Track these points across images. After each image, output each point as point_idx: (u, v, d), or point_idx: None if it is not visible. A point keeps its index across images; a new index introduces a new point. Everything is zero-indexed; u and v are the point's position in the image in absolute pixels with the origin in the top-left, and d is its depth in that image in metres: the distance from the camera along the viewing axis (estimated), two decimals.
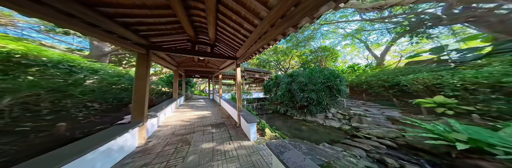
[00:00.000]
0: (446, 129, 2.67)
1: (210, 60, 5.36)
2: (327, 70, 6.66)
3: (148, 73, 2.17)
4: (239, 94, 3.24)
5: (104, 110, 2.77)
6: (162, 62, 3.73)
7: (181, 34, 2.63)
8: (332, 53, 15.33)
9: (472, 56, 5.50)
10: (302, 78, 6.34)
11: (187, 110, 5.02)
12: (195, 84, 13.52)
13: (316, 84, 5.85)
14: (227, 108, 4.81)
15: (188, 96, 10.26)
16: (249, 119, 2.45)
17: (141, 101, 2.06)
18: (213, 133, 2.66)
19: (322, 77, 5.94)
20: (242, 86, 20.68)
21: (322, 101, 5.58)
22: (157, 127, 3.01)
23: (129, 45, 1.96)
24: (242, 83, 20.08)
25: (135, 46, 2.06)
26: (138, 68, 2.10)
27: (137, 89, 2.04)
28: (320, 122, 5.54)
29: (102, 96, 2.81)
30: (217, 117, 3.98)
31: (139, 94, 2.05)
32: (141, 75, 2.09)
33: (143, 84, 2.08)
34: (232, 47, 3.10)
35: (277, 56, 18.42)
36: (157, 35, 2.35)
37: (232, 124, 3.25)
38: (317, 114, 5.92)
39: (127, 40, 1.98)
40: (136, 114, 2.02)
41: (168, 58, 3.78)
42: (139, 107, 2.04)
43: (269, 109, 9.29)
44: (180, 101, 6.76)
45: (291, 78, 7.03)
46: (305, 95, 5.89)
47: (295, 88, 6.32)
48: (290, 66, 20.06)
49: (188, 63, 5.67)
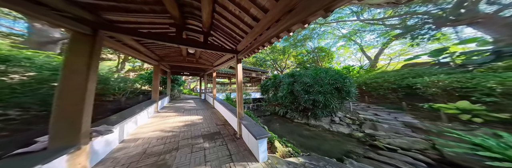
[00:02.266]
0: (501, 145, 2.13)
1: (203, 54, 4.46)
2: (332, 70, 6.20)
3: (94, 64, 1.31)
4: (240, 97, 2.46)
5: (25, 120, 1.77)
6: (131, 52, 2.75)
7: (159, 15, 1.77)
8: (328, 54, 15.33)
9: (482, 59, 5.37)
10: (306, 78, 5.79)
11: (170, 114, 4.07)
12: (184, 82, 12.30)
13: (323, 86, 5.33)
14: (222, 112, 3.99)
15: (175, 96, 9.10)
16: (256, 132, 1.74)
17: (76, 109, 1.19)
18: (206, 150, 1.91)
19: (329, 78, 5.43)
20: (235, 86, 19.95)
21: (330, 104, 5.06)
22: (119, 143, 2.10)
23: (56, 19, 1.10)
24: None
25: (70, 22, 1.19)
26: (70, 55, 1.22)
27: (65, 90, 1.17)
28: (325, 126, 4.99)
29: (20, 100, 1.75)
30: (211, 123, 3.15)
31: (71, 99, 1.18)
32: (76, 67, 1.22)
33: (79, 82, 1.21)
34: (232, 37, 2.30)
35: (274, 55, 17.86)
36: (115, 10, 1.49)
37: (231, 134, 2.50)
38: (321, 118, 5.41)
39: (52, 10, 1.10)
40: (59, 133, 1.15)
41: (141, 48, 2.82)
42: (68, 120, 1.17)
43: (266, 111, 8.64)
44: (163, 103, 5.70)
45: (293, 79, 6.45)
46: (310, 97, 5.34)
47: (298, 89, 5.74)
48: (286, 66, 19.70)
49: (174, 57, 4.69)
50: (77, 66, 1.21)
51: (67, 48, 1.21)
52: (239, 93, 2.49)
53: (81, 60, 1.24)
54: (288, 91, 6.12)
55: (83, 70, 1.23)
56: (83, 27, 1.26)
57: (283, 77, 7.25)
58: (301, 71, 7.14)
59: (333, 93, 5.24)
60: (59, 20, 1.12)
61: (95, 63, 1.32)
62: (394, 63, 13.16)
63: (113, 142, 1.98)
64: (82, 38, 1.27)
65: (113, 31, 1.49)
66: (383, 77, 6.78)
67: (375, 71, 10.01)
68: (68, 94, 1.16)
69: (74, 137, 1.20)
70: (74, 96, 1.19)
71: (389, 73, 7.32)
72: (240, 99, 2.48)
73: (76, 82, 1.20)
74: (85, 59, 1.25)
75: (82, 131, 1.22)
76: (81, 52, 1.25)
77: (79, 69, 1.22)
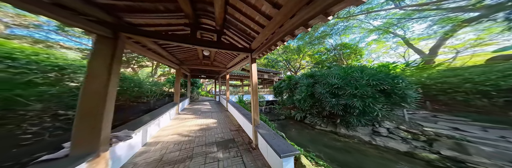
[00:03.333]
0: None
1: (217, 56, 4.50)
2: (370, 69, 5.12)
3: (116, 68, 1.29)
4: (255, 102, 2.18)
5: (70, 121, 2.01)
6: (155, 56, 2.92)
7: (174, 14, 1.74)
8: (354, 50, 13.29)
9: None
10: (332, 79, 4.90)
11: (189, 116, 4.17)
12: (201, 85, 13.14)
13: (359, 87, 4.23)
14: (236, 116, 3.80)
15: (194, 98, 9.73)
16: (279, 147, 1.41)
17: (96, 115, 1.16)
18: (219, 161, 1.71)
19: (369, 78, 4.32)
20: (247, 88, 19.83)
21: (373, 112, 3.98)
22: (142, 146, 2.13)
23: (81, 23, 1.11)
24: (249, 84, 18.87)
25: (93, 25, 1.20)
26: (92, 59, 1.21)
27: (86, 95, 1.14)
28: (364, 138, 4.03)
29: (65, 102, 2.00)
30: (225, 128, 3.00)
31: (91, 104, 1.16)
32: (98, 71, 1.20)
33: (100, 86, 1.19)
34: (246, 34, 2.12)
35: (287, 55, 17.10)
36: (133, 11, 1.49)
37: (245, 143, 2.24)
38: (356, 126, 4.43)
39: (77, 14, 1.13)
40: (80, 140, 1.12)
41: (163, 52, 2.96)
42: (88, 126, 1.14)
43: (280, 114, 8.04)
44: (184, 105, 6.02)
45: (313, 79, 5.72)
46: (340, 101, 4.43)
47: (321, 91, 4.94)
48: (301, 66, 18.50)
49: (192, 61, 4.93)
50: (99, 70, 1.19)
51: (91, 52, 1.22)
52: (254, 97, 2.22)
53: (102, 64, 1.22)
54: (307, 94, 5.39)
55: (104, 74, 1.20)
56: (105, 29, 1.27)
57: (300, 78, 6.56)
58: (322, 70, 6.23)
59: (377, 97, 4.09)
60: (83, 23, 1.13)
61: (117, 67, 1.30)
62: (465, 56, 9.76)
63: (136, 146, 2.00)
64: (103, 41, 1.27)
65: (133, 33, 1.48)
66: (461, 75, 4.91)
67: (436, 68, 7.44)
68: (88, 99, 1.13)
69: (94, 143, 1.15)
70: (94, 101, 1.16)
71: (471, 69, 5.19)
72: (255, 103, 2.20)
73: (97, 86, 1.17)
74: (106, 63, 1.23)
75: (101, 138, 1.18)
76: (102, 55, 1.24)
77: (100, 73, 1.20)
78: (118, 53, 1.32)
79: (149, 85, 5.06)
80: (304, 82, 5.84)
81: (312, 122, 5.61)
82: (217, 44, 2.11)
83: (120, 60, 1.36)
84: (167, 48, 2.98)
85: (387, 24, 12.53)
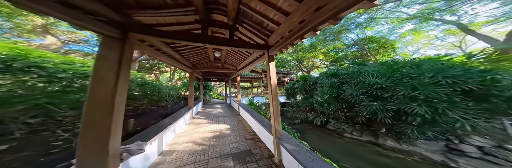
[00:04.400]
0: None
1: (227, 58, 4.36)
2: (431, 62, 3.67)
3: (124, 73, 1.14)
4: (275, 108, 1.83)
5: None
6: (168, 59, 2.89)
7: (184, 9, 1.58)
8: (383, 44, 11.31)
9: None
10: (370, 77, 3.92)
11: (202, 121, 4.08)
12: (213, 87, 13.52)
13: (419, 88, 3.07)
14: (249, 121, 3.50)
15: (207, 100, 9.96)
16: None
17: (102, 127, 0.99)
18: None
19: (437, 75, 3.06)
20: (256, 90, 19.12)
21: (451, 121, 2.81)
22: (158, 156, 1.99)
23: (89, 23, 1.00)
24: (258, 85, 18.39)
25: (101, 25, 1.08)
26: (98, 63, 1.07)
27: (91, 104, 0.99)
28: (432, 157, 2.84)
29: None
30: (239, 136, 2.74)
31: (97, 114, 1.00)
32: (104, 77, 1.06)
33: (107, 94, 1.03)
34: (263, 27, 1.86)
35: (298, 54, 16.22)
36: (143, 8, 1.36)
37: (265, 156, 1.92)
38: (413, 139, 3.26)
39: (85, 13, 1.03)
40: (85, 156, 0.96)
41: (177, 55, 2.92)
42: (94, 140, 0.98)
43: (294, 117, 7.36)
44: (198, 108, 6.06)
45: (338, 79, 4.96)
46: (386, 105, 3.36)
47: (353, 93, 4.03)
48: (314, 66, 17.30)
49: (204, 64, 4.94)
50: (106, 74, 1.05)
51: (97, 55, 1.09)
52: (274, 102, 1.87)
53: (110, 68, 1.07)
54: (332, 96, 4.61)
55: (112, 79, 1.05)
56: (113, 30, 1.13)
57: (319, 78, 5.84)
58: (350, 68, 5.13)
59: (457, 102, 2.88)
60: (91, 23, 1.01)
61: (125, 71, 1.15)
62: None
63: (152, 156, 1.86)
64: (111, 42, 1.13)
65: (142, 32, 1.35)
66: None
67: None
68: (94, 109, 0.98)
69: (102, 160, 0.98)
70: (101, 111, 0.99)
71: None
72: (275, 110, 1.84)
73: (103, 93, 1.01)
74: (114, 67, 1.08)
75: (110, 153, 1.00)
76: (110, 58, 1.09)
77: (107, 78, 1.04)
78: (126, 55, 1.18)
79: (167, 89, 5.32)
80: (325, 82, 5.09)
81: (338, 129, 4.79)
82: (229, 42, 1.89)
83: (129, 64, 1.22)
84: (180, 50, 2.93)
85: (429, 10, 10.01)
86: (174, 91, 5.87)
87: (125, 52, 1.17)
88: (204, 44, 1.72)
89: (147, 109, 4.45)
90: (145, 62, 11.39)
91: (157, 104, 4.98)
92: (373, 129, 3.98)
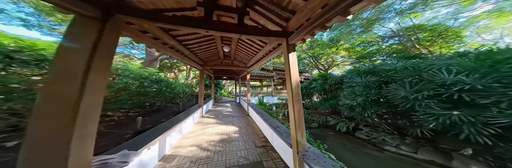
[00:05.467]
0: None
1: (237, 53, 4.00)
2: None
3: (102, 65, 0.86)
4: (297, 112, 1.40)
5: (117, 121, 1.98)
6: (177, 55, 2.70)
7: None
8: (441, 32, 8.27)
9: None
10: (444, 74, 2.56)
11: (211, 121, 3.89)
12: (224, 86, 13.72)
13: None
14: (260, 124, 3.10)
15: (218, 98, 10.12)
16: None
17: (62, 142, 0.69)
18: None
19: None
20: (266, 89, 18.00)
21: None
22: (159, 161, 1.78)
23: None
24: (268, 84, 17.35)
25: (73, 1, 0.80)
26: (65, 48, 0.80)
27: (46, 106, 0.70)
28: None
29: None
30: (248, 142, 2.36)
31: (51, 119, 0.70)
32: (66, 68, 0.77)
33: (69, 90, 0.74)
34: (280, 9, 1.40)
35: (313, 51, 14.65)
36: None
37: None
38: None
39: None
40: None
41: (185, 50, 2.70)
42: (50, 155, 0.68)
43: (310, 121, 6.51)
44: (208, 106, 5.98)
45: (377, 77, 3.81)
46: (483, 118, 2.10)
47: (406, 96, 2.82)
48: (334, 63, 15.36)
49: (214, 61, 4.77)
50: (70, 66, 0.76)
51: (63, 40, 0.80)
52: (296, 106, 1.38)
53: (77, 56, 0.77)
54: (369, 99, 3.54)
55: (78, 73, 0.75)
56: (90, 8, 0.85)
57: (346, 76, 4.74)
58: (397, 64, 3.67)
59: None
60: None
61: (103, 63, 0.87)
62: None
63: (151, 162, 1.65)
64: (85, 23, 0.84)
65: (133, 15, 1.07)
66: None
67: None
68: (45, 113, 0.69)
69: None
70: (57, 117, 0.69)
71: None
72: (298, 116, 1.34)
73: (63, 92, 0.72)
74: (84, 55, 0.78)
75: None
76: (80, 42, 0.80)
77: (72, 72, 0.75)
78: (106, 42, 0.88)
79: (182, 86, 5.49)
80: (358, 82, 4.07)
81: (373, 138, 3.74)
82: (238, 28, 1.48)
83: (111, 53, 0.94)
84: (187, 45, 2.72)
85: None
86: (188, 88, 6.05)
87: (105, 37, 0.89)
88: (209, 30, 1.37)
89: (162, 106, 4.66)
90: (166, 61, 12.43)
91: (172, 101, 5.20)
92: (443, 147, 2.74)
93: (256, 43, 2.75)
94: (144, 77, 3.22)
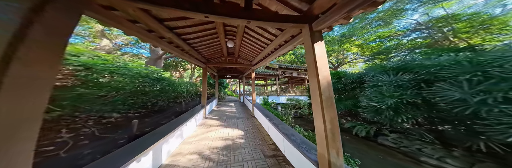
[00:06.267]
0: None
1: (241, 50, 3.64)
2: None
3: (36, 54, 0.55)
4: (330, 123, 1.01)
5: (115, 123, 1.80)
6: (177, 51, 2.42)
7: None
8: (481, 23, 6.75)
9: None
10: None
11: (214, 123, 3.63)
12: (228, 85, 13.55)
13: None
14: (266, 127, 2.81)
15: (222, 97, 9.96)
16: None
17: None
18: None
19: None
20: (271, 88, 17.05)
21: None
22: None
23: None
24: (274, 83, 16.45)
25: None
26: None
27: None
28: None
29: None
30: (255, 151, 2.05)
31: None
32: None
33: None
34: None
35: None
36: None
37: None
38: None
39: None
40: None
41: (185, 46, 2.40)
42: None
43: None
44: (212, 106, 5.76)
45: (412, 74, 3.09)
46: None
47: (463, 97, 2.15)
48: (344, 60, 14.36)
49: (217, 58, 4.47)
50: None
51: None
52: (328, 112, 1.04)
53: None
54: (404, 101, 2.88)
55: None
56: None
57: (367, 74, 4.05)
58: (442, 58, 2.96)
59: None
60: None
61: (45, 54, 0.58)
62: None
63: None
64: None
65: None
66: None
67: None
68: None
69: None
70: None
71: None
72: (333, 127, 1.01)
73: None
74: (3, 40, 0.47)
75: None
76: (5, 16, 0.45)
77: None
78: (51, 23, 0.58)
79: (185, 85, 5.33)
80: (386, 80, 3.39)
81: (402, 146, 3.12)
82: (246, 12, 1.12)
83: (63, 41, 0.63)
84: (187, 39, 2.41)
85: None
86: (192, 87, 5.88)
87: (47, 15, 0.58)
88: (209, 15, 1.03)
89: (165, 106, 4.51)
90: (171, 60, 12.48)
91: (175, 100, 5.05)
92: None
93: (264, 36, 2.36)
94: (144, 75, 3.01)
